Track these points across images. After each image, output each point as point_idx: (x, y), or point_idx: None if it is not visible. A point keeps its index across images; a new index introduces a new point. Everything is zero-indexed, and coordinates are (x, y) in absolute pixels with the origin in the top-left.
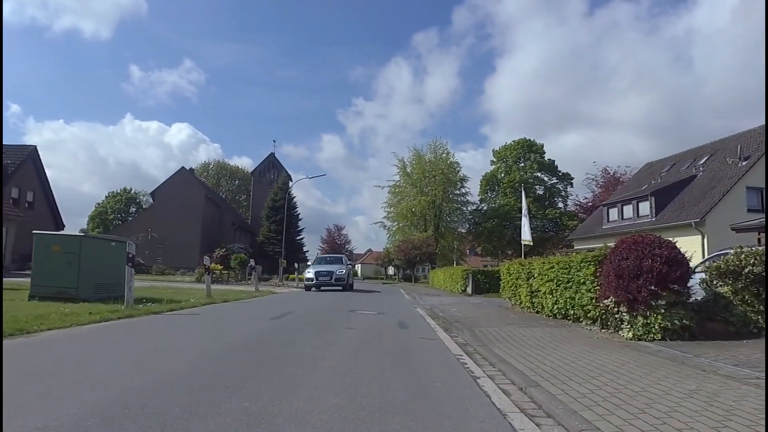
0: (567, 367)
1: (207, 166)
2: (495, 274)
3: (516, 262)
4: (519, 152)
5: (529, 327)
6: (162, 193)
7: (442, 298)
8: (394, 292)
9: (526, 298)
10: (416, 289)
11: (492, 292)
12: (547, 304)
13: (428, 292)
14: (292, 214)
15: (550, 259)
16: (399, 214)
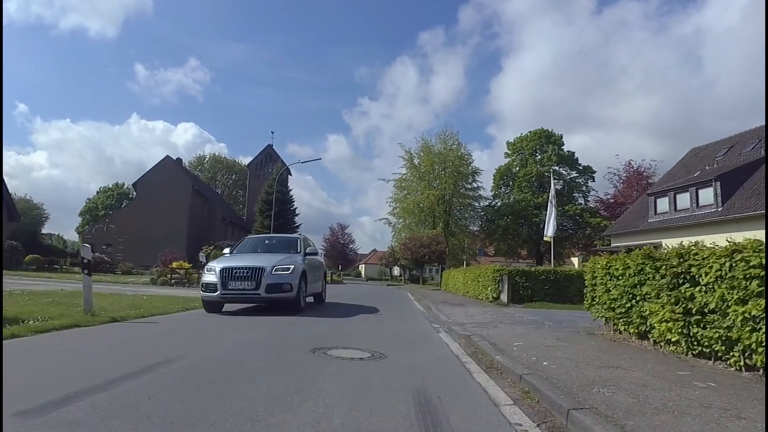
0: None
1: (202, 160)
2: (539, 275)
3: (636, 253)
4: (536, 144)
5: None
6: (145, 184)
7: (468, 309)
8: (400, 299)
9: (662, 326)
10: (428, 294)
11: (536, 301)
12: (746, 340)
13: (445, 299)
14: (288, 209)
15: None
16: (405, 209)
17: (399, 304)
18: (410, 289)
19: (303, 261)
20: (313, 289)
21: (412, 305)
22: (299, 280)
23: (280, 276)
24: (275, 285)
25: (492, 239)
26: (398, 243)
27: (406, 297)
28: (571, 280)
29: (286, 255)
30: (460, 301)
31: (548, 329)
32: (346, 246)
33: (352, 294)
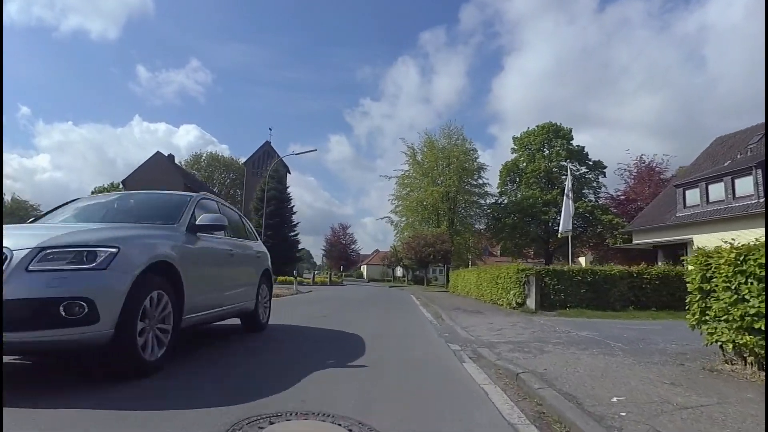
0: None
1: (199, 158)
2: (574, 276)
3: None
4: (543, 138)
5: None
6: (135, 182)
7: (491, 319)
8: (402, 304)
9: None
10: (435, 298)
11: (571, 307)
12: None
13: (457, 305)
14: (285, 207)
15: None
16: (408, 207)
17: (401, 310)
18: (414, 290)
19: (180, 243)
20: (229, 305)
21: (417, 312)
22: (133, 288)
23: (51, 277)
24: (21, 305)
25: (499, 238)
26: (401, 242)
27: (410, 300)
28: (613, 281)
29: (129, 227)
30: (476, 306)
31: (629, 356)
32: (348, 246)
33: (344, 300)
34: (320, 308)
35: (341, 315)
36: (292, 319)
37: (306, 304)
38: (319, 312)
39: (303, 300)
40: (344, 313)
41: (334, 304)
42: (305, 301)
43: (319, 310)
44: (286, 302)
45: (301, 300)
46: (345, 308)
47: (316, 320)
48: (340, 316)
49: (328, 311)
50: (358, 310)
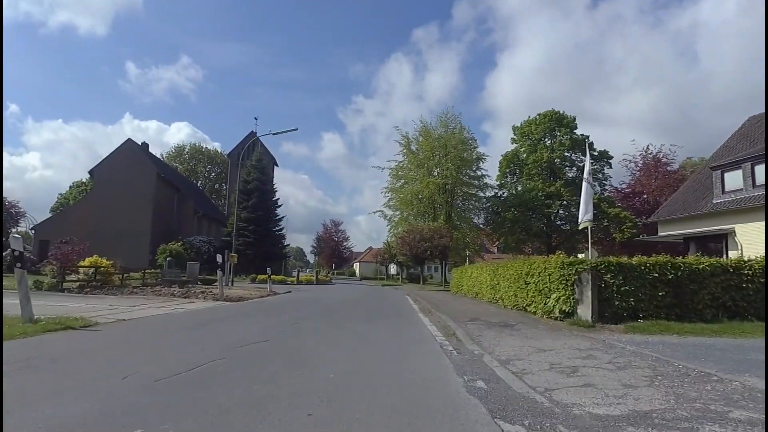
0: None
1: (181, 150)
2: (647, 272)
3: None
4: (546, 127)
5: None
6: (103, 172)
7: (540, 341)
8: (395, 308)
9: None
10: (437, 301)
11: (646, 318)
12: None
13: (474, 313)
14: (270, 200)
15: None
16: (402, 200)
17: (394, 323)
18: (409, 290)
19: None
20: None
21: (417, 325)
22: None
23: None
24: None
25: (499, 233)
26: (395, 237)
27: (405, 304)
28: (700, 279)
29: None
30: (499, 315)
31: None
32: (340, 243)
33: (320, 305)
34: (276, 322)
35: (297, 336)
36: (161, 364)
37: (261, 314)
38: (264, 331)
39: (267, 306)
40: (304, 332)
41: (302, 312)
42: (267, 307)
43: (268, 327)
44: (240, 310)
45: (265, 306)
46: (312, 320)
47: (234, 354)
48: (293, 340)
49: (281, 327)
50: (329, 324)
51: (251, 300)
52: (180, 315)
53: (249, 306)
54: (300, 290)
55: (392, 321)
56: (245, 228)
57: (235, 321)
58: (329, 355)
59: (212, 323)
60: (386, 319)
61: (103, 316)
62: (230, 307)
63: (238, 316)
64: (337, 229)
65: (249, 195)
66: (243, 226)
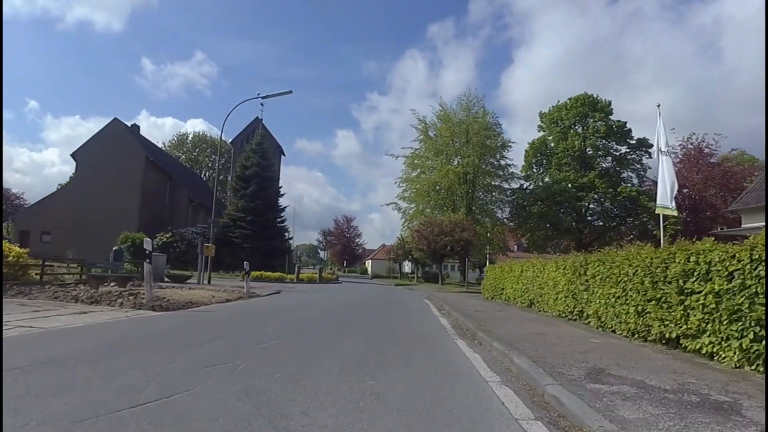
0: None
1: (184, 139)
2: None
3: None
4: (577, 112)
5: None
6: (87, 156)
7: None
8: (417, 327)
9: None
10: (472, 311)
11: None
12: None
13: (574, 349)
14: (271, 187)
15: None
16: (418, 191)
17: (419, 362)
18: (427, 291)
19: None
20: None
21: (461, 368)
22: None
23: None
24: None
25: (525, 229)
26: (410, 230)
27: (428, 316)
28: None
29: None
30: (636, 360)
31: None
32: (352, 240)
33: (298, 319)
34: (157, 371)
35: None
36: None
37: (155, 346)
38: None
39: (205, 321)
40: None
41: (253, 335)
42: (204, 323)
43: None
44: (131, 334)
45: (203, 320)
46: (252, 358)
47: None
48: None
49: (152, 385)
50: (285, 364)
51: (200, 307)
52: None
53: (171, 322)
54: (294, 291)
55: (412, 356)
56: (242, 218)
57: (79, 368)
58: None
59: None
60: (400, 352)
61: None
62: (130, 325)
63: (111, 352)
64: (349, 225)
65: (247, 182)
66: (240, 216)
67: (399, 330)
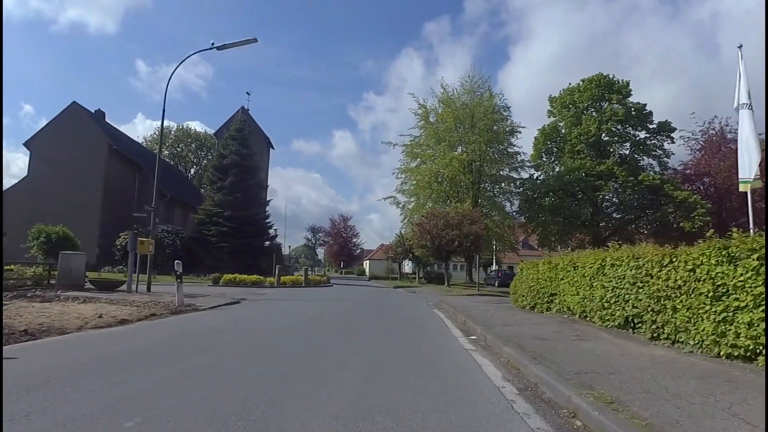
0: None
1: (167, 132)
2: None
3: None
4: (592, 95)
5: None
6: (44, 144)
7: None
8: (441, 396)
9: None
10: (525, 335)
11: None
12: None
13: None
14: (252, 178)
15: None
16: (419, 183)
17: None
18: (431, 295)
19: None
20: None
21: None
22: None
23: None
24: None
25: (536, 223)
26: (411, 224)
27: (450, 347)
28: None
29: None
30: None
31: None
32: (349, 240)
33: (209, 366)
34: None
35: None
36: None
37: None
38: None
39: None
40: None
41: None
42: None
43: None
44: None
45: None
46: None
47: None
48: None
49: None
50: None
51: (36, 341)
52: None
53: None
54: (261, 300)
55: None
56: (219, 214)
57: None
58: None
59: None
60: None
61: None
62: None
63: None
64: (346, 224)
65: (225, 172)
66: (216, 211)
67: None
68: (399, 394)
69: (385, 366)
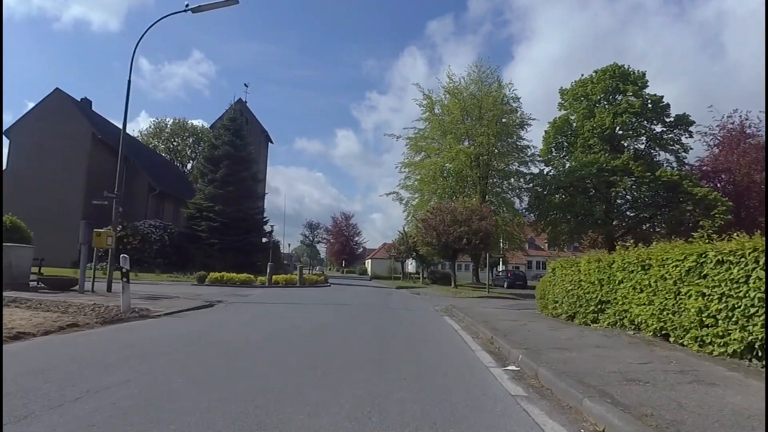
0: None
1: (162, 127)
2: None
3: None
4: (606, 86)
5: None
6: (22, 135)
7: None
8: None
9: None
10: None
11: None
12: None
13: None
14: (246, 170)
15: None
16: (423, 178)
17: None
18: (439, 297)
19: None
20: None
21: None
22: None
23: None
24: None
25: (546, 222)
26: (414, 220)
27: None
28: None
29: None
30: None
31: None
32: (351, 239)
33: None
34: None
35: None
36: None
37: None
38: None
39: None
40: None
41: None
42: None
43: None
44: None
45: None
46: None
47: None
48: None
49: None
50: None
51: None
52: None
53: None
54: (241, 301)
55: None
56: (209, 208)
57: None
58: None
59: None
60: None
61: None
62: None
63: None
64: (348, 222)
65: (217, 164)
66: (207, 205)
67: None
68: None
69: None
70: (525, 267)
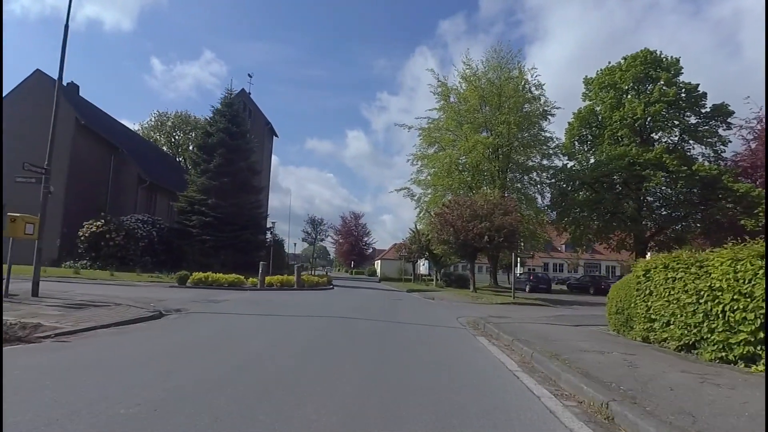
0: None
1: (164, 120)
2: None
3: None
4: (636, 73)
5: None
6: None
7: None
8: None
9: None
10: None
11: None
12: None
13: None
14: (244, 159)
15: None
16: (437, 173)
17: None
18: (460, 304)
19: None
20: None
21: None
22: None
23: None
24: None
25: (568, 221)
26: (428, 214)
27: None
28: None
29: None
30: None
31: None
32: (360, 239)
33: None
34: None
35: None
36: None
37: None
38: None
39: None
40: None
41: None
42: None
43: None
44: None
45: None
46: None
47: None
48: None
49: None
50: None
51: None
52: None
53: None
54: (208, 311)
55: None
56: (202, 201)
57: None
58: None
59: None
60: None
61: None
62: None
63: None
64: (358, 222)
65: (210, 153)
66: (199, 198)
67: None
68: None
69: None
70: (541, 269)
